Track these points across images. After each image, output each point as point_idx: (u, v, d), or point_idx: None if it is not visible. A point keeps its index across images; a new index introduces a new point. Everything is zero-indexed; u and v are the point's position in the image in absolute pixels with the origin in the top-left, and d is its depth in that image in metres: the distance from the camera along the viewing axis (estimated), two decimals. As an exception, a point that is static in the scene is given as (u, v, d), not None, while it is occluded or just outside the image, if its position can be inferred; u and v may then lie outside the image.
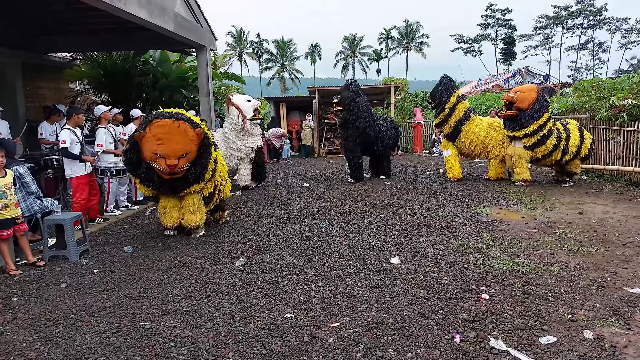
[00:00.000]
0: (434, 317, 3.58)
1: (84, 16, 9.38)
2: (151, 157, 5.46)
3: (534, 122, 8.88)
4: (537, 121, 8.86)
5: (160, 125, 5.41)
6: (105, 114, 7.59)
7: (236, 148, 9.38)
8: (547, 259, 4.88)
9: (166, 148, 5.38)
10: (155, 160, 5.44)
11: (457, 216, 6.90)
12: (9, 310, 3.97)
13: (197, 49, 10.97)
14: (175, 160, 5.41)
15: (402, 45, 73.06)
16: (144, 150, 5.48)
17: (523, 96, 9.04)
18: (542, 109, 8.92)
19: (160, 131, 5.38)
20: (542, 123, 8.88)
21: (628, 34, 59.44)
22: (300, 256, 5.22)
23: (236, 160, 9.50)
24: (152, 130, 5.40)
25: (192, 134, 5.53)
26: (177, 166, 5.43)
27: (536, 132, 8.89)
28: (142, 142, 5.46)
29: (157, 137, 5.37)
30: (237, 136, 9.36)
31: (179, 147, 5.43)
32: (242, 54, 73.43)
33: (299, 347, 3.20)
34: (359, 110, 10.09)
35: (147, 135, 5.41)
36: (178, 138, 5.43)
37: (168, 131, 5.39)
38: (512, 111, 9.09)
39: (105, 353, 3.20)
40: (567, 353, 3.04)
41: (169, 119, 5.46)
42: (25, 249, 5.15)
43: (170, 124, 5.42)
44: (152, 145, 5.38)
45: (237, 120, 9.26)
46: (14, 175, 5.13)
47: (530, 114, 8.89)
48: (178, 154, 5.43)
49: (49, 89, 12.59)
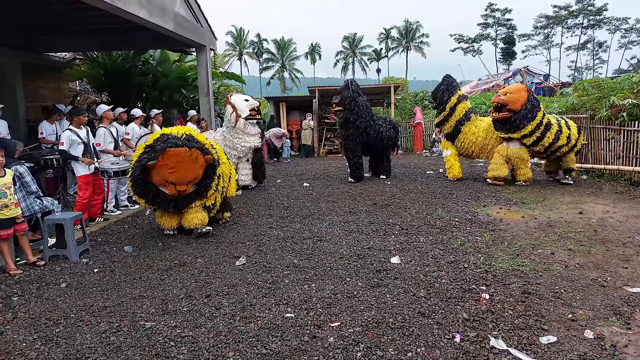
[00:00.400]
0: (434, 317, 3.58)
1: (84, 16, 9.38)
2: (161, 183, 5.54)
3: (530, 122, 8.89)
4: (533, 121, 8.90)
5: (174, 155, 5.42)
6: (107, 113, 7.59)
7: (232, 146, 9.39)
8: (547, 259, 4.88)
9: (178, 176, 5.46)
10: (164, 186, 5.54)
11: (457, 216, 6.90)
12: (9, 309, 3.97)
13: (197, 49, 10.98)
14: (184, 186, 5.54)
15: (402, 45, 73.02)
16: (154, 175, 5.51)
17: (514, 97, 9.01)
18: (534, 108, 8.96)
19: (174, 160, 5.41)
20: (538, 122, 8.91)
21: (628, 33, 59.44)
22: (301, 256, 5.22)
23: (234, 160, 9.48)
24: (165, 159, 5.41)
25: (202, 161, 5.62)
26: (185, 191, 5.58)
27: (534, 131, 8.92)
28: (153, 169, 5.48)
29: (169, 166, 5.41)
30: (232, 135, 9.38)
31: (190, 174, 5.54)
32: (242, 53, 73.39)
33: (299, 346, 3.20)
34: (360, 109, 10.12)
35: (160, 164, 5.42)
36: (190, 166, 5.51)
37: (181, 160, 5.43)
38: (505, 114, 9.01)
39: (105, 353, 3.20)
40: (568, 353, 3.04)
41: (182, 148, 5.45)
42: (25, 248, 5.15)
43: (184, 152, 5.45)
44: (164, 173, 5.44)
45: (230, 118, 9.30)
46: (14, 175, 5.13)
47: (524, 115, 8.88)
48: (188, 181, 5.55)
49: (49, 88, 12.59)
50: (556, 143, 9.05)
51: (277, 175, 12.25)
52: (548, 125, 9.00)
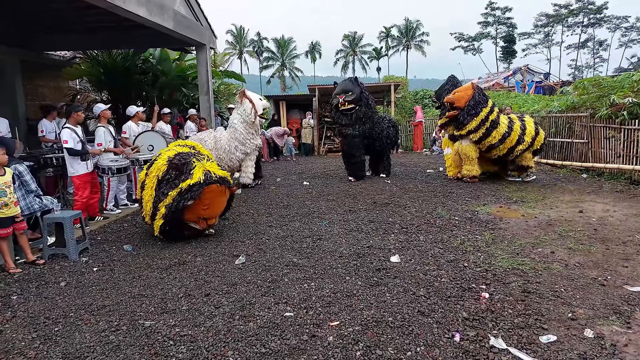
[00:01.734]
0: (433, 316, 3.58)
1: (84, 14, 9.36)
2: (194, 220, 5.69)
3: (473, 118, 9.12)
4: (477, 117, 9.10)
5: (209, 192, 5.57)
6: (105, 112, 7.57)
7: (243, 141, 9.34)
8: (547, 258, 4.87)
9: (211, 212, 5.71)
10: (196, 222, 5.71)
11: (457, 214, 6.89)
12: (8, 308, 3.96)
13: (197, 47, 10.95)
14: (215, 219, 5.84)
15: (402, 44, 72.95)
16: (187, 214, 5.61)
17: (460, 96, 9.31)
18: (478, 105, 9.16)
19: (209, 197, 5.59)
20: (482, 118, 9.09)
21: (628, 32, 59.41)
22: (300, 254, 5.21)
23: (240, 155, 9.44)
24: (202, 196, 5.53)
25: (228, 193, 5.93)
26: (214, 224, 5.93)
27: (479, 127, 9.12)
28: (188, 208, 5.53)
29: (204, 203, 5.59)
30: (246, 129, 9.34)
31: (220, 208, 5.88)
32: (242, 52, 73.34)
33: (299, 345, 3.19)
34: (373, 107, 10.45)
35: (196, 201, 5.52)
36: (220, 200, 5.78)
37: (214, 196, 5.65)
38: (454, 112, 9.34)
39: (104, 352, 3.19)
40: (567, 352, 3.03)
41: (215, 185, 5.60)
42: (24, 247, 5.14)
43: (216, 189, 5.64)
44: (199, 210, 5.61)
45: (250, 113, 9.26)
46: (14, 174, 5.12)
47: (467, 112, 9.17)
48: (218, 214, 5.90)
49: (49, 87, 12.58)
50: (503, 144, 9.20)
51: (277, 174, 12.24)
52: (494, 123, 9.14)
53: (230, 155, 9.32)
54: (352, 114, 10.15)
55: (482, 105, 9.19)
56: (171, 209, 5.46)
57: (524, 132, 9.30)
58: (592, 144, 10.59)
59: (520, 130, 9.26)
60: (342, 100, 10.10)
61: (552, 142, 12.34)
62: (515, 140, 9.19)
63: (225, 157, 9.32)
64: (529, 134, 9.31)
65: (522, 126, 9.34)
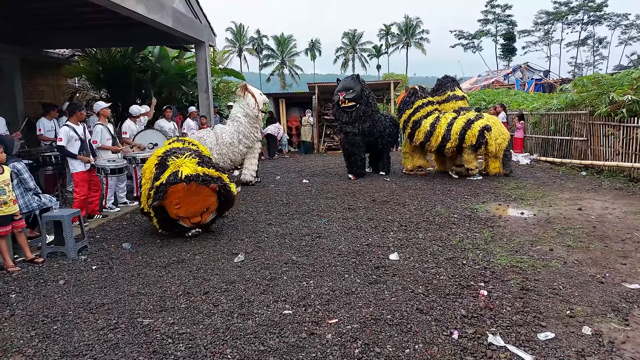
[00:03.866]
0: (432, 313, 3.58)
1: (82, 12, 9.35)
2: (177, 218, 5.67)
3: (400, 118, 10.63)
4: (402, 117, 10.47)
5: (173, 192, 5.48)
6: (105, 110, 7.55)
7: (247, 134, 9.44)
8: (546, 255, 4.88)
9: (186, 210, 5.59)
10: (180, 220, 5.68)
11: (456, 212, 6.89)
12: (7, 306, 3.96)
13: (196, 45, 10.93)
14: (198, 217, 5.66)
15: (402, 41, 72.84)
16: (169, 211, 5.63)
17: (398, 99, 10.82)
18: (404, 106, 10.44)
19: (175, 197, 5.50)
20: (405, 118, 10.35)
21: (628, 29, 59.37)
22: (299, 252, 5.21)
23: (243, 149, 9.50)
24: (168, 197, 5.50)
25: (207, 190, 5.62)
26: (202, 221, 5.72)
27: (404, 126, 10.44)
28: (164, 205, 5.56)
29: (174, 203, 5.52)
30: (249, 122, 9.44)
31: (198, 206, 5.63)
32: (242, 50, 73.20)
33: (297, 343, 3.20)
34: (374, 104, 10.57)
35: (165, 202, 5.52)
36: (194, 199, 5.57)
37: (182, 195, 5.50)
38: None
39: (102, 350, 3.19)
40: (565, 349, 3.03)
41: (180, 184, 5.46)
42: (23, 245, 5.14)
43: (182, 188, 5.47)
44: (173, 209, 5.58)
45: (254, 107, 9.40)
46: (12, 172, 5.12)
47: (397, 112, 10.72)
48: (199, 212, 5.66)
49: (48, 85, 12.56)
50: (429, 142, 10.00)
51: (276, 171, 12.24)
52: (417, 123, 10.14)
53: (233, 149, 9.38)
54: (352, 111, 10.16)
55: (407, 107, 10.33)
56: (156, 210, 5.64)
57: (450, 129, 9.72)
58: (591, 141, 10.59)
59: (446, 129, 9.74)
60: (343, 97, 10.11)
61: (552, 139, 12.35)
62: (442, 138, 9.79)
63: (229, 151, 9.36)
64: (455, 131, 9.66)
65: (465, 126, 9.62)
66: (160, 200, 5.47)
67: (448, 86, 10.77)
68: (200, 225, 5.86)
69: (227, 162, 9.52)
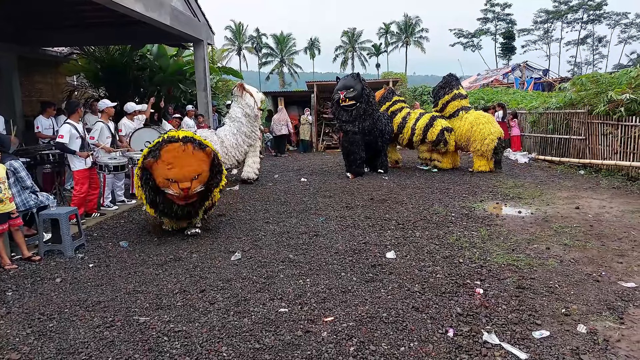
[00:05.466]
0: (428, 312, 3.59)
1: (80, 10, 9.34)
2: (164, 184, 5.47)
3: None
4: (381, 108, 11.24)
5: (169, 150, 5.41)
6: (109, 109, 7.56)
7: (249, 134, 9.58)
8: (543, 254, 4.88)
9: (177, 172, 5.41)
10: (168, 186, 5.46)
11: (453, 211, 6.90)
12: (3, 304, 3.96)
13: (194, 43, 10.93)
14: (188, 182, 5.44)
15: (402, 40, 72.77)
16: (156, 177, 5.48)
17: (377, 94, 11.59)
18: (383, 99, 11.60)
19: (169, 156, 5.40)
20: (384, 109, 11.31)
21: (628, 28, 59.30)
22: (296, 251, 5.22)
23: (246, 147, 9.65)
24: (162, 157, 5.41)
25: (202, 155, 5.56)
26: (190, 188, 5.45)
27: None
28: (153, 169, 5.45)
29: (167, 163, 5.40)
30: (249, 122, 9.56)
31: (190, 169, 5.47)
32: (241, 48, 73.12)
33: (293, 341, 3.20)
34: (374, 103, 10.62)
35: (157, 162, 5.41)
36: (188, 161, 5.46)
37: (177, 155, 5.41)
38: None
39: (98, 347, 3.19)
40: (560, 347, 3.04)
41: (176, 143, 5.44)
42: (20, 243, 5.14)
43: (178, 147, 5.43)
44: (163, 171, 5.41)
45: (254, 106, 9.49)
46: (9, 170, 5.11)
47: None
48: (190, 177, 5.47)
49: (46, 83, 12.55)
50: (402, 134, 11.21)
51: (274, 170, 12.24)
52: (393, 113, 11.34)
53: (238, 149, 9.56)
54: (353, 110, 10.17)
55: (386, 100, 11.52)
56: (142, 170, 5.52)
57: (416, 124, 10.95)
58: (590, 140, 10.60)
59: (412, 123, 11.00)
60: (343, 96, 10.11)
61: (550, 138, 12.36)
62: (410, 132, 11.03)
63: (234, 151, 9.54)
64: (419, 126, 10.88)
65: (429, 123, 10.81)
66: (155, 158, 5.39)
67: (454, 84, 11.06)
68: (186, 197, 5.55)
69: (234, 162, 9.76)
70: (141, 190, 5.73)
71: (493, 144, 10.09)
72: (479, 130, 10.25)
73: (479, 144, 10.25)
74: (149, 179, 5.53)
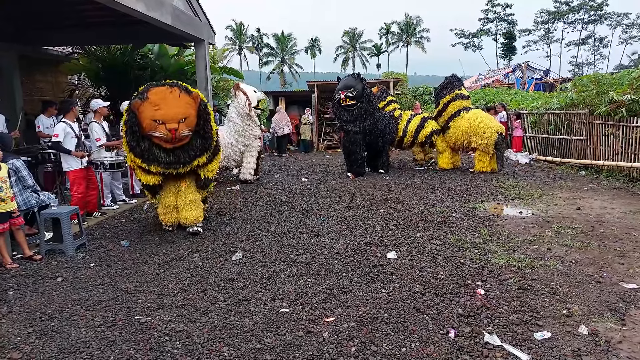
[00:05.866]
0: (429, 312, 3.58)
1: (81, 9, 9.32)
2: (151, 126, 5.42)
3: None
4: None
5: (155, 92, 5.44)
6: (102, 109, 7.55)
7: (242, 133, 9.58)
8: (544, 254, 4.88)
9: (164, 113, 5.39)
10: (155, 129, 5.41)
11: (454, 211, 6.89)
12: (5, 303, 3.96)
13: (196, 43, 10.90)
14: (175, 124, 5.40)
15: (403, 40, 72.75)
16: (143, 120, 5.42)
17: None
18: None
19: (156, 97, 5.41)
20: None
21: (629, 29, 59.32)
22: (297, 251, 5.21)
23: (241, 147, 9.66)
24: (148, 98, 5.43)
25: (188, 99, 5.56)
26: (177, 130, 5.42)
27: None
28: (139, 111, 5.42)
29: (154, 104, 5.39)
30: (243, 121, 9.57)
31: (177, 110, 5.45)
32: (242, 48, 73.13)
33: (294, 341, 3.20)
34: (375, 103, 10.60)
35: (144, 103, 5.41)
36: (175, 102, 5.46)
37: (163, 97, 5.42)
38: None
39: (100, 347, 3.20)
40: (562, 348, 3.04)
41: (163, 87, 5.51)
42: (21, 242, 5.14)
43: (165, 89, 5.47)
44: (150, 112, 5.38)
45: (244, 105, 9.48)
46: (10, 169, 5.11)
47: None
48: (177, 118, 5.43)
49: (47, 82, 12.55)
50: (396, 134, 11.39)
51: (275, 170, 12.24)
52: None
53: (233, 149, 9.58)
54: (354, 110, 10.16)
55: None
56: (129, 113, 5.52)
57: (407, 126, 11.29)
58: (591, 141, 10.59)
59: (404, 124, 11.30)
60: (344, 96, 10.10)
61: (551, 139, 12.35)
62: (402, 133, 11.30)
63: (231, 152, 9.57)
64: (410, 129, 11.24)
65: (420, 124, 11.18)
66: (142, 99, 5.40)
67: (456, 85, 11.09)
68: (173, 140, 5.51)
69: (231, 163, 9.75)
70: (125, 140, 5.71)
71: (493, 137, 10.10)
72: (477, 125, 10.30)
73: (479, 139, 10.26)
74: (134, 125, 5.51)
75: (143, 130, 5.49)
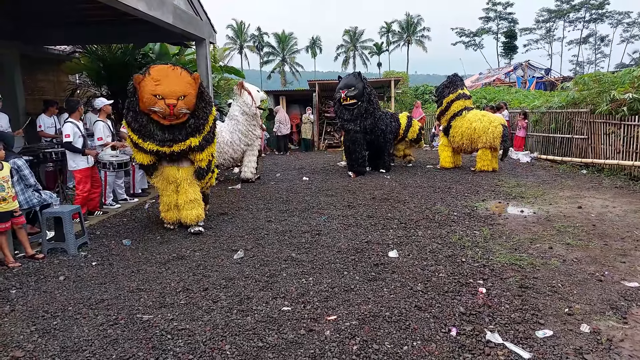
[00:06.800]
0: (430, 311, 3.59)
1: (83, 8, 9.33)
2: (150, 101, 5.51)
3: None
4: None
5: (158, 69, 5.57)
6: (107, 107, 7.57)
7: (245, 132, 9.53)
8: (545, 253, 4.88)
9: (164, 88, 5.50)
10: (154, 104, 5.51)
11: (456, 210, 6.89)
12: (7, 302, 3.97)
13: (197, 42, 10.91)
14: (174, 100, 5.52)
15: (403, 39, 72.68)
16: (143, 95, 5.52)
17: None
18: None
19: (158, 74, 5.54)
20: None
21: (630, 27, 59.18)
22: (299, 249, 5.22)
23: (243, 147, 9.62)
24: (151, 73, 5.54)
25: (189, 78, 5.70)
26: (176, 106, 5.53)
27: None
28: (140, 86, 5.53)
29: (155, 79, 5.50)
30: (247, 120, 9.53)
31: (177, 88, 5.56)
32: (243, 47, 73.11)
33: (296, 339, 3.20)
34: (376, 102, 10.57)
35: (146, 78, 5.53)
36: (175, 80, 5.58)
37: (165, 74, 5.56)
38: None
39: (102, 345, 3.20)
40: (563, 347, 3.04)
41: (165, 65, 5.65)
42: (23, 241, 5.15)
43: (167, 67, 5.61)
44: (151, 87, 5.49)
45: (251, 105, 9.44)
46: (12, 168, 5.12)
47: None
48: (176, 95, 5.55)
49: (48, 81, 12.55)
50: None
51: (276, 169, 12.25)
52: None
53: (234, 147, 9.51)
54: (354, 109, 10.15)
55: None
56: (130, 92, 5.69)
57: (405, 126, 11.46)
58: (592, 139, 10.58)
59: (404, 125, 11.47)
60: (345, 95, 10.09)
61: (552, 138, 12.34)
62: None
63: (229, 149, 9.48)
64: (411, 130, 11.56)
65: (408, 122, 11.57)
66: (144, 74, 5.53)
67: (458, 84, 11.09)
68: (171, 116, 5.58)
69: (228, 160, 9.61)
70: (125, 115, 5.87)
71: (498, 129, 10.11)
72: (480, 124, 10.28)
73: (484, 137, 10.21)
74: (134, 101, 5.67)
75: (143, 105, 5.60)
